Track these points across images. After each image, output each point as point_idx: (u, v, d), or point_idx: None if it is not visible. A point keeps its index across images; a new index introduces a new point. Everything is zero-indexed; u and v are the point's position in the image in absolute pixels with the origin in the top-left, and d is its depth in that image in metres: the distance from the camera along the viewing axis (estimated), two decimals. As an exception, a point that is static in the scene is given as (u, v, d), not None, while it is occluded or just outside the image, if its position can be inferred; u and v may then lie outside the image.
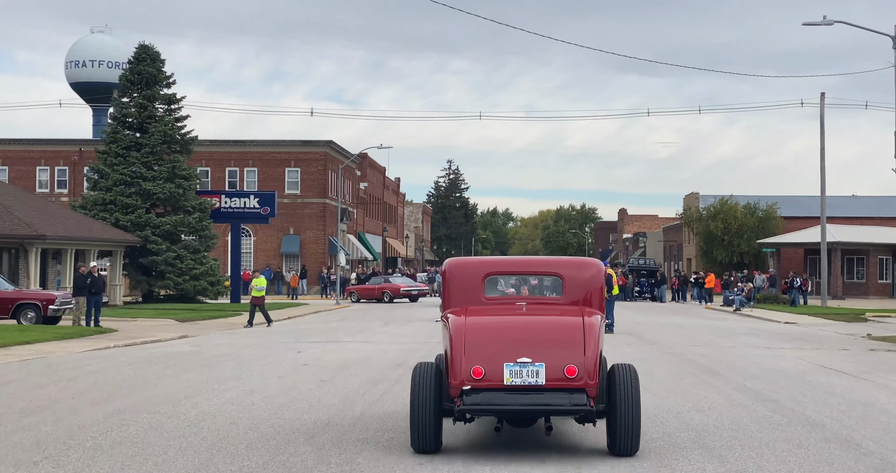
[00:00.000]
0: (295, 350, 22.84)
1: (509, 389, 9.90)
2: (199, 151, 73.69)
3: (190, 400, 14.06)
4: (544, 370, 9.90)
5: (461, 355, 10.01)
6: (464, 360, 9.97)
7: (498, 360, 9.95)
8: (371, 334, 29.90)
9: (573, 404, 9.85)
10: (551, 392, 9.89)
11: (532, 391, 9.90)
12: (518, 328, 10.56)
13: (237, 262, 55.90)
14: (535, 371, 9.89)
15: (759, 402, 14.30)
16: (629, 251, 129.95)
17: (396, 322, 37.25)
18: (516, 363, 9.92)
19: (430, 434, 10.19)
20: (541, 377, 9.88)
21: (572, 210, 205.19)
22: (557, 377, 9.89)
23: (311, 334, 29.80)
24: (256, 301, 34.75)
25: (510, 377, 9.90)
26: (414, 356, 21.42)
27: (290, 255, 74.69)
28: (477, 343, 10.13)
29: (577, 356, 9.96)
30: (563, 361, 9.93)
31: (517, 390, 9.90)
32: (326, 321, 39.45)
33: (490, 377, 9.90)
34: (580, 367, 9.90)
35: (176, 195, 51.69)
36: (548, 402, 9.87)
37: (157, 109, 52.98)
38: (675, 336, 29.32)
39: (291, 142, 76.01)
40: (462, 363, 9.96)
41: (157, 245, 50.57)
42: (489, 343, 10.16)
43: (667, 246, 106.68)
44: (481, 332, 10.35)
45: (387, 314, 45.66)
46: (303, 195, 74.55)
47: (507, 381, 9.89)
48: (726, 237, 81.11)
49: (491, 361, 9.95)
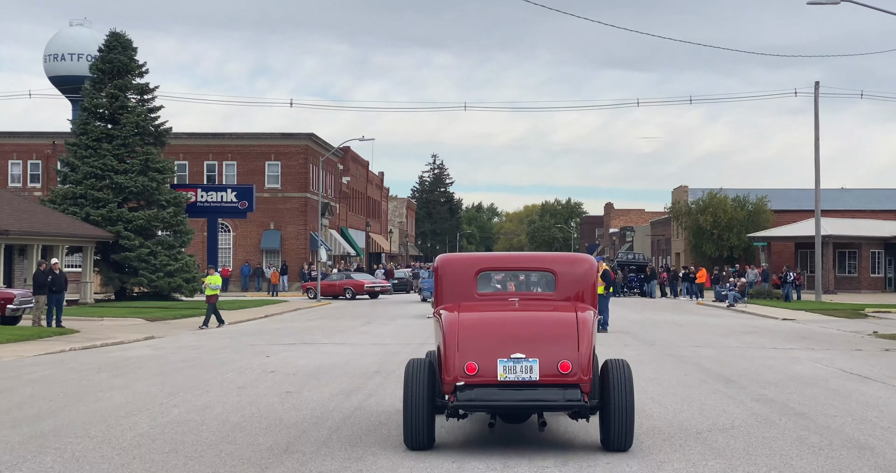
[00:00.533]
0: (264, 354, 20.96)
1: (503, 385, 9.86)
2: (176, 145, 71.90)
3: (130, 419, 12.15)
4: (538, 365, 9.87)
5: (455, 351, 9.98)
6: (457, 356, 9.94)
7: (491, 356, 9.92)
8: (350, 334, 28.05)
9: (567, 399, 9.82)
10: (545, 388, 9.87)
11: (526, 387, 9.86)
12: (511, 323, 10.53)
13: (214, 258, 53.88)
14: (529, 367, 9.86)
15: (787, 417, 12.50)
16: (616, 246, 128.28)
17: (378, 321, 35.41)
18: (510, 359, 9.89)
19: (424, 431, 10.13)
20: (535, 373, 9.86)
21: (558, 205, 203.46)
22: (551, 372, 9.86)
23: (286, 334, 27.92)
24: (211, 300, 32.64)
25: (504, 372, 9.85)
26: (394, 360, 19.60)
27: (271, 250, 72.70)
28: (470, 339, 10.09)
29: (571, 352, 9.95)
30: (557, 356, 9.90)
31: (511, 386, 9.86)
32: (305, 319, 37.57)
33: (484, 373, 9.87)
34: (574, 363, 9.89)
35: (149, 189, 49.69)
36: (542, 398, 9.84)
37: (130, 99, 50.94)
38: (673, 336, 27.55)
39: (271, 135, 73.97)
40: (455, 359, 9.94)
41: (129, 241, 48.57)
42: (483, 339, 10.13)
43: (655, 240, 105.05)
44: (475, 328, 10.31)
45: (369, 311, 43.81)
46: (283, 189, 72.56)
47: (501, 377, 9.85)
48: (716, 231, 79.50)
49: (484, 357, 9.91)
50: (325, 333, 28.39)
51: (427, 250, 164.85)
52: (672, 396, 14.35)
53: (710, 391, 14.99)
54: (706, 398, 14.16)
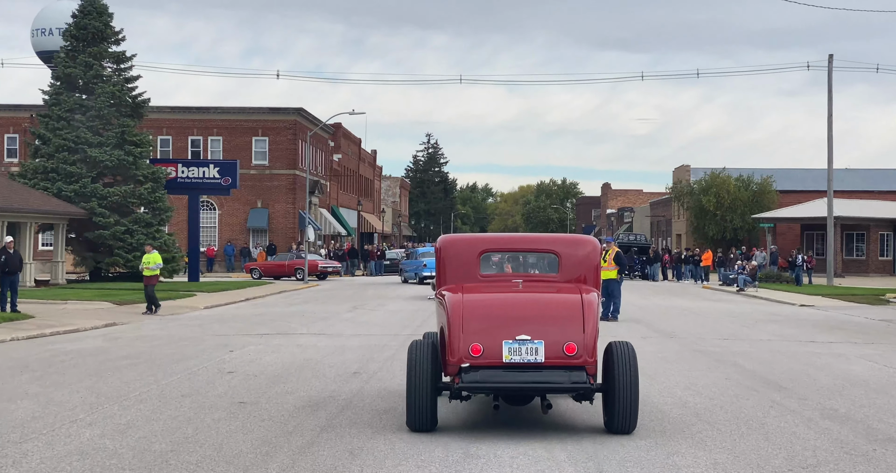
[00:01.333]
0: (227, 349, 18.14)
1: (508, 366, 9.77)
2: (159, 119, 69.08)
3: (22, 446, 9.24)
4: (543, 347, 9.77)
5: (459, 332, 9.88)
6: (462, 337, 9.84)
7: (496, 337, 9.81)
8: (332, 322, 25.29)
9: (573, 381, 9.73)
10: (551, 370, 9.76)
11: (531, 369, 9.76)
12: (516, 305, 10.39)
13: (195, 237, 51.09)
14: (535, 349, 9.77)
15: (881, 445, 9.58)
16: (614, 227, 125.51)
17: (367, 305, 32.63)
18: (515, 341, 9.79)
19: (427, 413, 10.01)
20: (540, 355, 9.76)
21: (553, 185, 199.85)
22: (557, 354, 9.78)
23: (261, 322, 25.14)
24: (149, 282, 29.34)
25: (509, 354, 9.77)
26: (378, 357, 16.88)
27: (258, 230, 69.84)
28: (475, 320, 9.96)
29: (577, 334, 9.84)
30: (563, 338, 9.82)
31: (516, 367, 9.77)
32: (288, 303, 34.79)
33: (489, 355, 9.78)
34: (579, 344, 9.79)
35: (125, 163, 46.74)
36: (547, 380, 9.74)
37: (105, 68, 47.94)
38: (692, 325, 24.80)
39: (259, 109, 70.97)
40: (460, 341, 9.85)
41: (104, 218, 45.70)
42: (487, 321, 10.00)
43: (655, 222, 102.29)
44: (479, 309, 10.15)
45: (359, 293, 41.04)
46: (271, 166, 69.65)
47: (506, 358, 9.76)
48: (718, 212, 76.84)
49: (489, 338, 9.80)
50: (304, 320, 25.59)
51: (421, 230, 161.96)
52: (721, 411, 11.52)
53: (765, 403, 12.16)
54: (764, 415, 11.31)
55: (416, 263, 53.38)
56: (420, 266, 51.55)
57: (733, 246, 69.00)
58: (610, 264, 26.11)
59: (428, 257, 53.63)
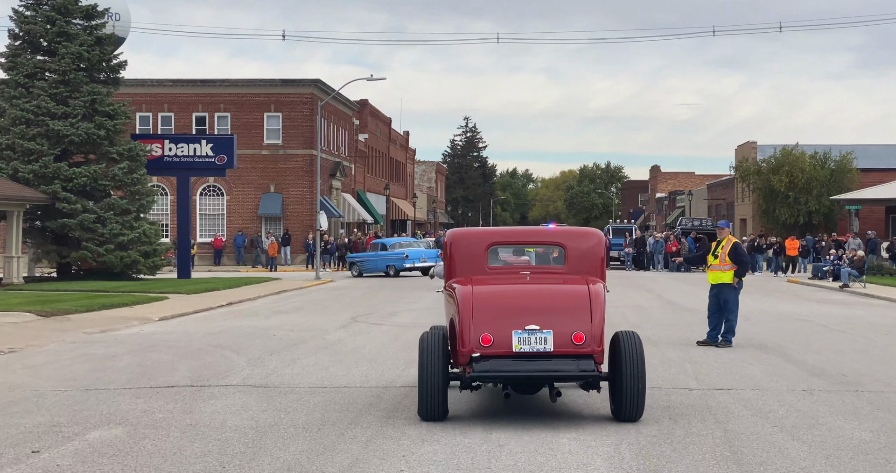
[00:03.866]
0: (31, 448, 9.90)
1: (518, 356, 10.00)
2: (159, 94, 61.40)
3: None
4: (552, 337, 10.01)
5: (469, 323, 10.08)
6: (472, 328, 10.05)
7: (506, 328, 10.05)
8: (304, 349, 17.13)
9: (581, 370, 9.97)
10: (560, 359, 10.00)
11: (541, 358, 10.00)
12: (525, 296, 10.65)
13: (185, 226, 43.24)
14: (544, 338, 10.00)
15: None
16: (665, 212, 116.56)
17: (372, 316, 24.49)
18: (524, 331, 10.02)
19: (439, 402, 10.16)
20: (549, 344, 10.00)
21: (597, 169, 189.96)
22: (565, 343, 10.01)
23: (198, 353, 16.94)
24: None
25: (519, 344, 10.00)
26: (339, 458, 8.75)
27: (271, 217, 61.89)
28: (485, 311, 10.16)
29: (584, 324, 10.08)
30: (571, 328, 10.04)
31: (526, 357, 10.00)
32: (273, 311, 26.77)
33: (499, 345, 10.01)
34: (587, 334, 10.04)
35: (96, 138, 38.86)
36: (557, 368, 9.99)
37: (73, 24, 40.01)
38: (852, 354, 16.34)
39: (271, 81, 62.91)
40: (471, 331, 10.06)
41: (69, 204, 37.91)
42: (497, 311, 10.22)
43: (713, 206, 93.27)
44: (489, 300, 10.36)
45: (369, 295, 32.93)
46: (285, 145, 61.64)
47: (516, 348, 10.00)
48: (791, 193, 68.00)
49: (499, 328, 10.03)
50: (263, 348, 17.31)
51: (458, 217, 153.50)
52: None
53: None
54: None
55: (389, 255, 46.36)
56: (401, 258, 45.76)
57: (822, 232, 60.16)
58: (723, 262, 17.80)
59: (405, 247, 47.19)
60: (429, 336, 10.31)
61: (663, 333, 19.83)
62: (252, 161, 61.49)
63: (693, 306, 27.48)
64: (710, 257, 18.21)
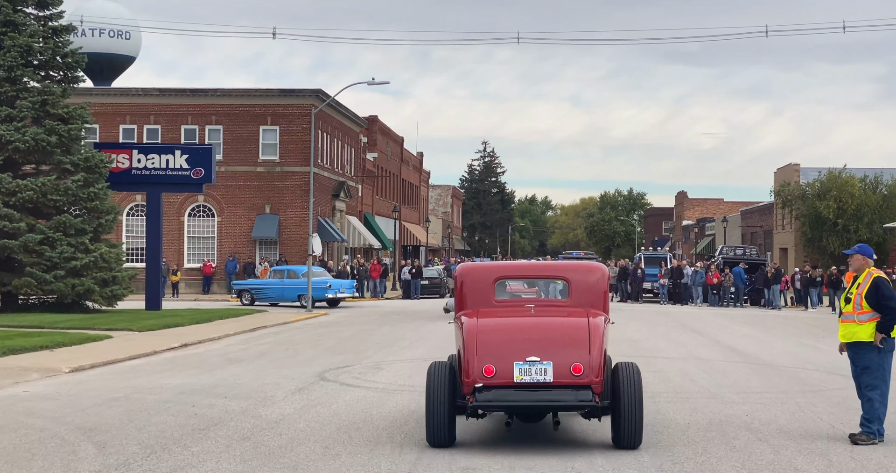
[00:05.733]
0: None
1: (519, 386, 10.27)
2: (145, 104, 55.72)
3: None
4: (552, 368, 10.28)
5: (473, 354, 10.37)
6: (476, 359, 10.33)
7: (508, 359, 10.30)
8: (224, 437, 11.11)
9: (579, 400, 10.23)
10: (559, 389, 10.27)
11: (541, 388, 10.29)
12: (527, 328, 10.99)
13: (156, 250, 37.24)
14: (544, 369, 10.27)
15: None
16: (695, 240, 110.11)
17: (352, 369, 18.46)
18: (525, 362, 10.29)
19: (445, 429, 10.49)
20: (549, 375, 10.27)
21: (619, 196, 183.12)
22: (564, 374, 10.26)
23: (58, 437, 11.02)
24: None
25: (520, 374, 10.27)
26: None
27: (266, 241, 55.94)
28: (488, 343, 10.50)
29: (583, 355, 10.36)
30: (570, 359, 10.30)
31: (527, 387, 10.28)
32: (225, 359, 20.79)
33: (501, 375, 10.26)
34: (585, 365, 10.29)
35: (46, 146, 33.01)
36: (555, 398, 10.30)
37: (22, 12, 34.28)
38: None
39: (268, 91, 57.10)
40: (474, 362, 10.32)
41: (11, 222, 32.10)
42: (500, 343, 10.55)
43: (748, 233, 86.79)
44: (492, 333, 10.74)
45: (360, 335, 26.86)
46: (283, 162, 55.74)
47: (518, 379, 10.26)
48: (840, 221, 61.67)
49: (502, 360, 10.31)
50: (156, 436, 11.17)
51: (475, 243, 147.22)
52: None
53: None
54: None
55: (291, 283, 41.42)
56: (324, 288, 41.04)
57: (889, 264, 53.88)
58: (858, 307, 11.68)
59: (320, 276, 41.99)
60: (436, 368, 10.59)
61: (763, 411, 13.59)
62: (246, 179, 55.66)
63: (769, 357, 21.35)
64: (842, 301, 12.09)
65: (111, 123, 54.98)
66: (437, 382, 10.39)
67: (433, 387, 10.39)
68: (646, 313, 39.51)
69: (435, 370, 10.51)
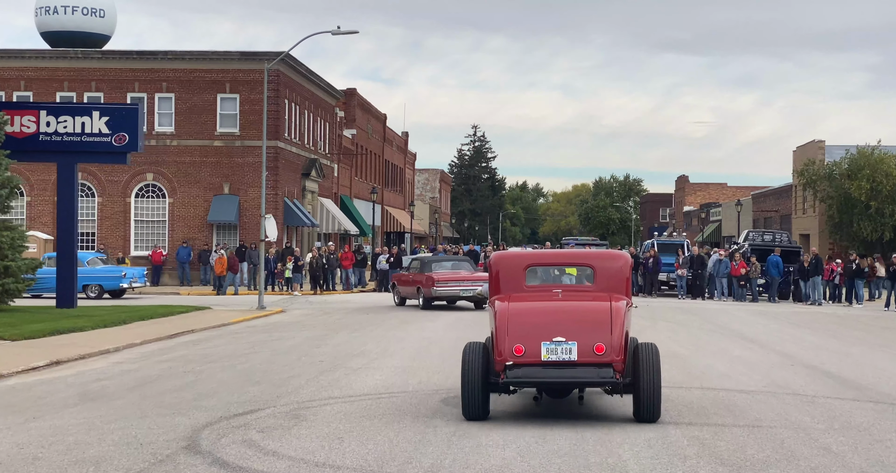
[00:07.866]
0: None
1: (546, 364, 11.08)
2: (85, 68, 48.48)
3: None
4: (576, 347, 11.04)
5: (504, 335, 11.19)
6: (507, 339, 11.14)
7: (536, 339, 11.12)
8: None
9: (601, 377, 11.03)
10: (582, 367, 11.06)
11: (566, 366, 11.07)
12: (554, 311, 11.81)
13: (69, 235, 30.24)
14: (569, 349, 11.04)
15: None
16: (700, 226, 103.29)
17: (263, 415, 11.58)
18: (552, 342, 11.07)
19: (479, 404, 11.32)
20: (573, 354, 11.04)
21: (614, 182, 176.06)
22: (588, 353, 11.04)
23: None
24: None
25: (547, 354, 11.06)
26: None
27: (224, 225, 48.86)
28: (518, 325, 11.29)
29: (605, 336, 11.12)
30: (593, 340, 11.08)
31: (553, 365, 11.08)
32: (82, 396, 13.98)
33: (530, 354, 11.08)
34: (607, 345, 11.05)
35: (-81, 101, 25.76)
36: (579, 375, 11.09)
37: None
38: None
39: (226, 54, 49.76)
40: (505, 342, 11.14)
41: None
42: (529, 325, 11.35)
43: (761, 219, 79.83)
44: (522, 315, 11.54)
45: (304, 347, 19.82)
46: (243, 135, 48.62)
47: (545, 357, 11.07)
48: (873, 203, 54.73)
49: (530, 340, 11.12)
50: None
51: (464, 231, 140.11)
52: None
53: None
54: None
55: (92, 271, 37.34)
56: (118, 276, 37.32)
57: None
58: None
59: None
60: (471, 347, 11.43)
61: None
62: (202, 154, 48.61)
63: (888, 387, 14.46)
64: None
65: (47, 91, 47.87)
66: (472, 360, 11.28)
67: (468, 365, 11.24)
68: (667, 310, 32.61)
69: (470, 350, 11.41)
